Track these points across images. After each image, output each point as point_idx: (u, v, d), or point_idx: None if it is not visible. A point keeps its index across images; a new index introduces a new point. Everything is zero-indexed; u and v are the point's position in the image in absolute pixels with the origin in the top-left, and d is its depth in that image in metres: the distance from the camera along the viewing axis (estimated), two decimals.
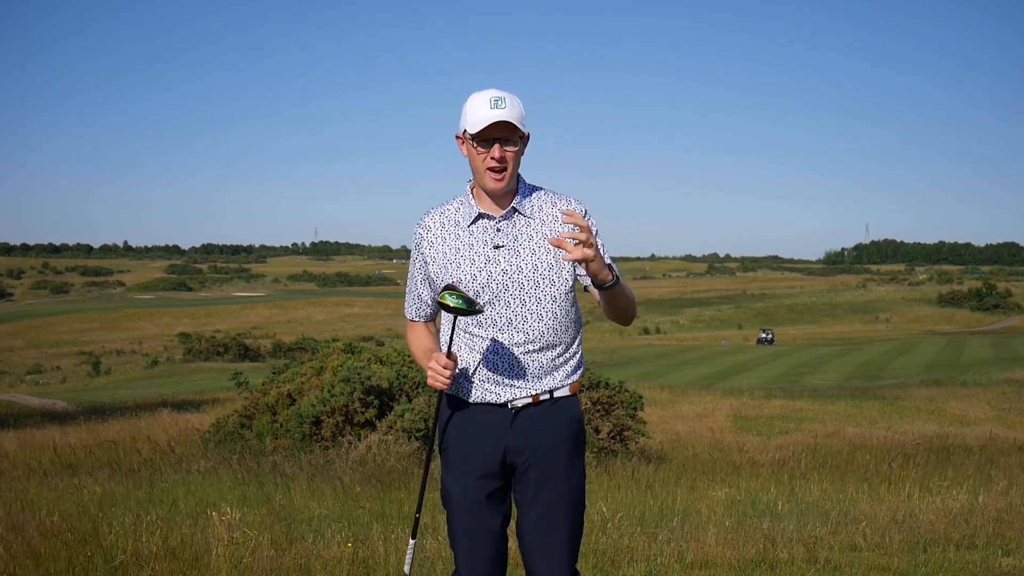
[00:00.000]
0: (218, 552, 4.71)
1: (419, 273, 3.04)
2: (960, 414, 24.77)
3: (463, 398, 2.97)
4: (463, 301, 2.76)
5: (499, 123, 2.81)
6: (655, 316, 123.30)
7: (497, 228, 2.91)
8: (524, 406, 2.92)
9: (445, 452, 3.00)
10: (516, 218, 2.93)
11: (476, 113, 2.83)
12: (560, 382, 2.96)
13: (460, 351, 2.96)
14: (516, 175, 2.93)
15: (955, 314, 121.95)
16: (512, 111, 2.82)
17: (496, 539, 2.95)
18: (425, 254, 2.98)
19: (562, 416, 2.95)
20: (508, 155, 2.86)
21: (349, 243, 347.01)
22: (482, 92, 2.86)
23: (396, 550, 5.07)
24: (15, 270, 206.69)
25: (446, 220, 2.97)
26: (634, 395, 12.86)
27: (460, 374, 2.96)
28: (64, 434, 13.39)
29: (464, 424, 2.96)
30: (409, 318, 3.13)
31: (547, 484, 2.91)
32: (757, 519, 6.43)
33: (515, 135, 2.85)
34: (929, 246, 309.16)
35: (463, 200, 2.98)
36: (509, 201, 2.93)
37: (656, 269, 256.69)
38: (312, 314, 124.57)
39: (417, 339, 3.09)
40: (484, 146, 2.85)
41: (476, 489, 2.91)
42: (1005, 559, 5.42)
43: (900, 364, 50.88)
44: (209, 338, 73.61)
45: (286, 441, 10.82)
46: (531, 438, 2.91)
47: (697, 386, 34.87)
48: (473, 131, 2.83)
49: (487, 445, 2.92)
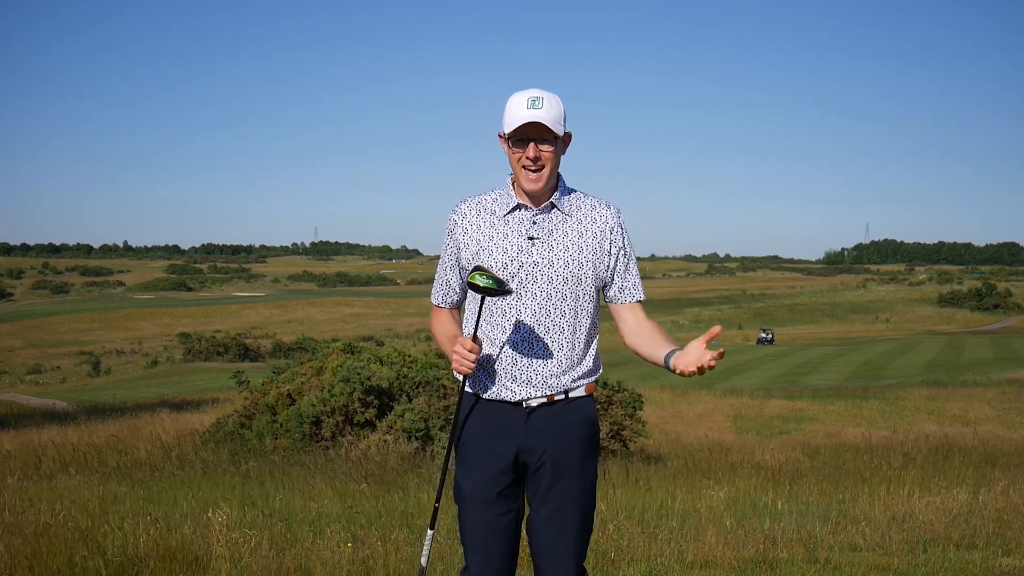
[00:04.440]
0: (218, 552, 4.72)
1: (450, 259, 3.04)
2: (960, 414, 24.77)
3: (480, 394, 2.97)
4: (493, 281, 2.76)
5: (532, 124, 2.81)
6: (655, 316, 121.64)
7: (533, 221, 2.93)
8: (539, 405, 2.92)
9: (460, 448, 3.01)
10: (553, 213, 2.95)
11: (512, 113, 2.85)
12: (576, 382, 2.96)
13: (481, 345, 2.95)
14: (555, 174, 2.94)
15: (955, 314, 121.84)
16: (549, 112, 2.83)
17: (507, 536, 2.96)
18: (459, 240, 2.99)
19: (576, 417, 2.95)
20: (544, 155, 2.86)
21: (349, 243, 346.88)
22: (522, 92, 2.87)
23: (396, 550, 5.07)
24: (15, 270, 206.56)
25: (482, 208, 2.98)
26: (633, 395, 12.86)
27: (479, 368, 2.96)
28: (64, 434, 13.38)
29: (479, 421, 2.96)
30: (435, 303, 3.13)
31: (559, 484, 2.92)
32: (757, 519, 6.42)
33: (551, 135, 2.85)
34: (929, 246, 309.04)
35: (502, 192, 2.99)
36: (548, 197, 2.95)
37: (656, 269, 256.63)
38: (312, 314, 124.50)
39: (441, 325, 3.10)
40: (520, 146, 2.86)
41: (488, 486, 2.92)
42: (1005, 559, 5.42)
43: (900, 364, 50.86)
44: (209, 338, 73.52)
45: (286, 441, 10.82)
46: (544, 438, 2.91)
47: (697, 386, 34.86)
48: (508, 131, 2.85)
49: (501, 443, 2.92)
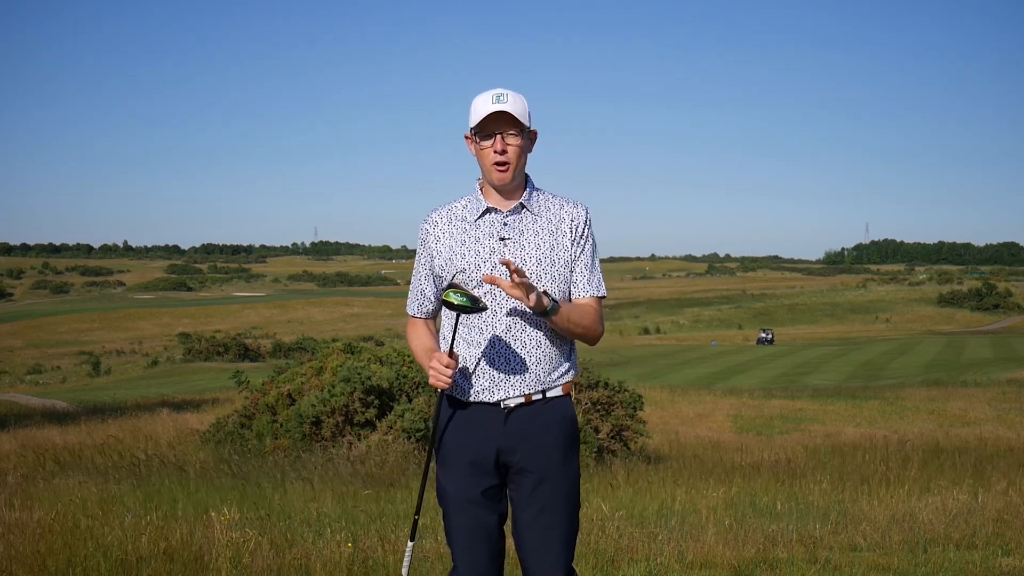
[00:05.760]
0: (218, 552, 4.71)
1: (423, 269, 3.06)
2: (960, 414, 24.75)
3: (458, 397, 2.99)
4: (467, 299, 2.78)
5: (498, 115, 2.85)
6: (655, 316, 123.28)
7: (504, 222, 2.95)
8: (517, 406, 2.93)
9: (441, 451, 3.02)
10: (524, 214, 2.97)
11: (478, 108, 2.88)
12: (553, 382, 2.97)
13: (458, 346, 2.98)
14: (523, 171, 2.97)
15: (955, 314, 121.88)
16: (513, 105, 2.86)
17: (493, 537, 2.97)
18: (431, 248, 3.01)
19: (554, 416, 2.96)
20: (511, 148, 2.89)
21: (349, 243, 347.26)
22: (487, 91, 2.91)
23: (395, 550, 5.08)
24: (15, 270, 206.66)
25: (453, 216, 3.01)
26: (633, 395, 12.85)
27: (458, 371, 2.98)
28: (64, 434, 13.39)
29: (459, 423, 2.97)
30: (411, 314, 3.15)
31: (542, 484, 2.92)
32: (757, 519, 6.43)
33: (517, 128, 2.88)
34: (929, 246, 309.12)
35: (471, 198, 3.02)
36: (518, 197, 2.98)
37: (656, 269, 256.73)
38: (312, 314, 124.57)
39: (418, 337, 3.11)
40: (487, 140, 2.90)
41: (472, 488, 2.93)
42: (1005, 559, 5.42)
43: (900, 364, 50.84)
44: (209, 338, 73.54)
45: (286, 441, 10.82)
46: (524, 438, 2.92)
47: (697, 386, 34.87)
48: (474, 123, 2.88)
49: (481, 444, 2.93)
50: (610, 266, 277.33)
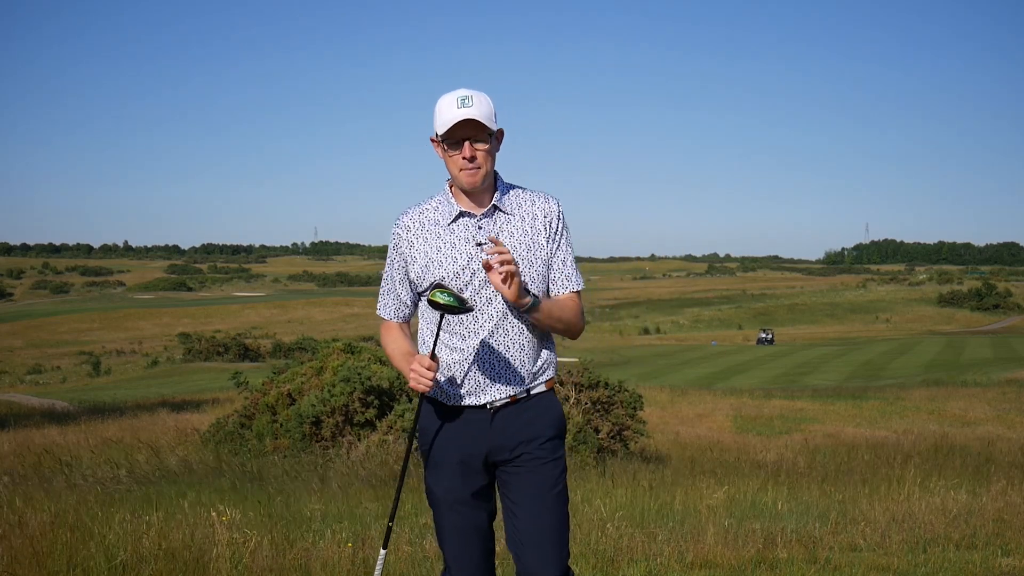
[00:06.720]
0: (218, 552, 4.71)
1: (398, 273, 3.02)
2: (960, 414, 24.75)
3: (443, 401, 2.98)
4: (454, 299, 2.75)
5: (466, 122, 2.81)
6: (655, 316, 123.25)
7: (479, 226, 2.92)
8: (503, 406, 2.94)
9: (428, 453, 3.01)
10: (497, 215, 2.94)
11: (444, 114, 2.83)
12: (537, 380, 2.99)
13: (440, 351, 2.96)
14: (492, 172, 2.93)
15: (955, 314, 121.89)
16: (479, 109, 2.81)
17: (484, 536, 2.99)
18: (405, 254, 2.97)
19: (539, 411, 2.97)
20: (480, 154, 2.85)
21: (349, 243, 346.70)
22: (450, 93, 2.85)
23: (395, 550, 5.08)
24: (15, 270, 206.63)
25: (426, 219, 2.96)
26: (634, 395, 12.86)
27: (440, 375, 2.96)
28: (64, 434, 13.39)
29: (445, 425, 2.97)
30: (386, 318, 3.09)
31: (531, 479, 2.93)
32: (757, 519, 6.42)
33: (484, 132, 2.84)
34: (929, 246, 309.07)
35: (442, 199, 2.97)
36: (489, 199, 2.94)
37: (656, 269, 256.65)
38: (312, 314, 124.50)
39: (394, 341, 3.06)
40: (455, 148, 2.85)
41: (462, 488, 2.94)
42: (1005, 559, 5.42)
43: (900, 364, 50.85)
44: (209, 338, 73.51)
45: (286, 441, 10.82)
46: (511, 435, 2.93)
47: (697, 386, 34.88)
48: (442, 131, 2.83)
49: (469, 445, 2.94)
50: (610, 266, 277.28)
